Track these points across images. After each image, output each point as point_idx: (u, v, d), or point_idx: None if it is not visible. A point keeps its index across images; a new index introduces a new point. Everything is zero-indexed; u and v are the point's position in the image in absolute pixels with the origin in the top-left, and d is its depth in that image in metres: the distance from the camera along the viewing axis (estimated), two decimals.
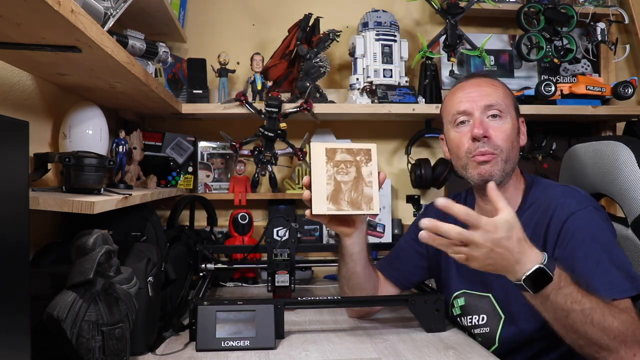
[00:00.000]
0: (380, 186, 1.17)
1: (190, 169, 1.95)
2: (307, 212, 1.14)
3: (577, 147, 1.46)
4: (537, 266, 0.93)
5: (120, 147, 1.47)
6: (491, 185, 0.97)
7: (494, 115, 1.21)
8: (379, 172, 1.17)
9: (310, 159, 1.16)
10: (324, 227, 2.03)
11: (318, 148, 1.15)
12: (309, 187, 1.14)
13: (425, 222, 0.93)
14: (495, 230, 0.92)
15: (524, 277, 0.94)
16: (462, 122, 1.23)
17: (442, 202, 0.94)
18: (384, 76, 1.96)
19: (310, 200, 1.13)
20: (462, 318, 1.29)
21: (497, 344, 1.21)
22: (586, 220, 1.12)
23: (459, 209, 0.93)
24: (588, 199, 1.18)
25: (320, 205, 1.12)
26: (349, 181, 1.14)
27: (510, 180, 1.23)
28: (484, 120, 1.20)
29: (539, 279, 0.94)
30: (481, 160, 1.19)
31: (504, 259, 0.93)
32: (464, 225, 0.94)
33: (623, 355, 0.96)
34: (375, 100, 1.97)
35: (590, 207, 1.15)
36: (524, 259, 0.94)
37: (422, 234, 0.94)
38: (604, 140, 1.36)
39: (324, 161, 1.14)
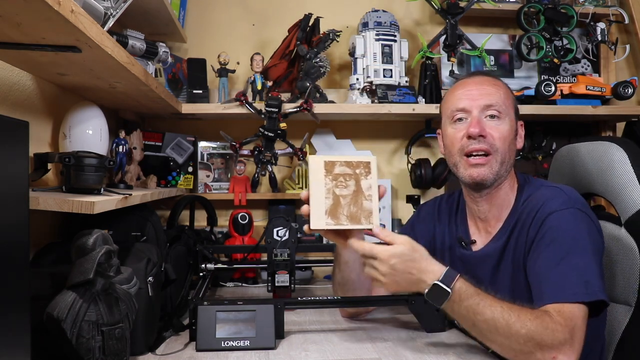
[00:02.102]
0: (380, 199, 1.14)
1: (190, 169, 1.95)
2: (306, 226, 1.12)
3: (569, 148, 1.46)
4: (433, 282, 1.03)
5: (120, 147, 1.47)
6: (376, 231, 1.08)
7: (492, 116, 1.20)
8: (379, 186, 1.14)
9: (308, 173, 1.14)
10: None
11: (316, 161, 1.12)
12: (307, 201, 1.12)
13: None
14: (394, 251, 1.05)
15: (425, 293, 1.04)
16: (460, 119, 1.22)
17: (376, 231, 1.09)
18: (384, 76, 1.96)
19: (308, 215, 1.11)
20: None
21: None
22: (563, 221, 1.11)
23: (379, 234, 1.08)
24: (575, 200, 1.15)
25: (319, 220, 1.10)
26: (348, 195, 1.12)
27: (505, 181, 1.23)
28: (481, 119, 1.20)
29: (437, 293, 1.03)
30: (475, 162, 1.19)
31: (407, 275, 1.05)
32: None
33: (540, 358, 0.97)
34: (375, 100, 1.97)
35: (574, 208, 1.12)
36: (424, 276, 1.04)
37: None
38: (597, 141, 1.36)
39: (323, 175, 1.12)
